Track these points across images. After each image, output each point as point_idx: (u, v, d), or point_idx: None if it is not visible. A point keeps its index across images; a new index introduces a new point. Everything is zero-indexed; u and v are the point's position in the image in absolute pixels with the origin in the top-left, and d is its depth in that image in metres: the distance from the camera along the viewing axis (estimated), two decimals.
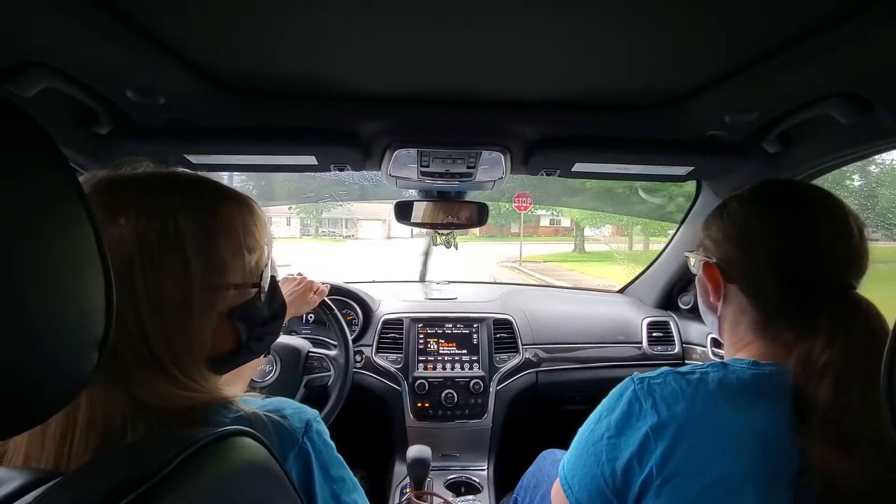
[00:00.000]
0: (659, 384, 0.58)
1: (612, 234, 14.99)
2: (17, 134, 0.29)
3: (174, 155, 1.05)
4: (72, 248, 0.30)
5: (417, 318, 1.59)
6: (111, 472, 0.32)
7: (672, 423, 0.54)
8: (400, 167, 1.12)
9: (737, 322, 0.66)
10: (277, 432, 0.47)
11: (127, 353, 0.44)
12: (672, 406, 0.55)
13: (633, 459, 0.55)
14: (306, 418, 0.51)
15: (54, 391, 0.31)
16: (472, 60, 0.75)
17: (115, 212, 0.46)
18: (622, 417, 0.58)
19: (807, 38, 0.65)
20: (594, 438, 0.61)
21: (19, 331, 0.27)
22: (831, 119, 0.83)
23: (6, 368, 0.26)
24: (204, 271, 0.48)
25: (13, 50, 0.65)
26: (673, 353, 1.61)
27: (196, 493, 0.32)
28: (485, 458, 1.52)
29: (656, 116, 0.95)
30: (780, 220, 0.62)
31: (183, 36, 0.68)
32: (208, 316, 0.50)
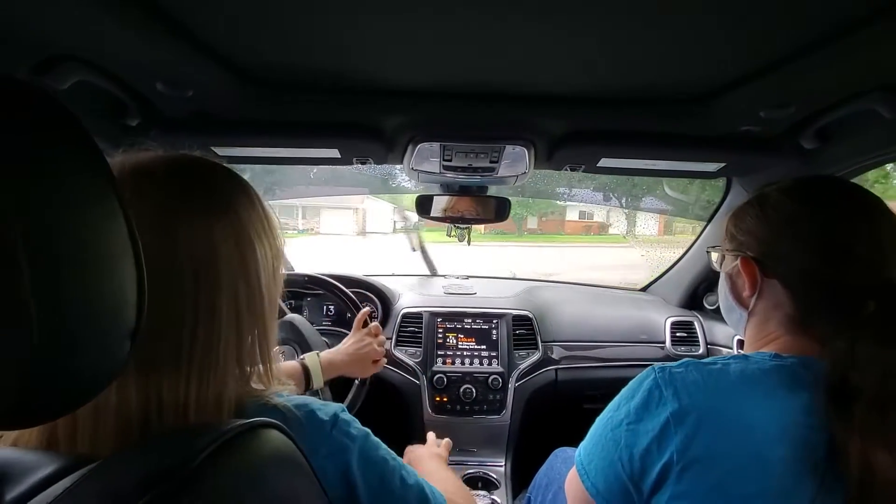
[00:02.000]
0: (680, 373, 0.58)
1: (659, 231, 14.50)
2: (55, 127, 0.29)
3: (199, 147, 1.07)
4: (105, 239, 0.31)
5: (437, 312, 1.59)
6: (143, 462, 0.33)
7: (693, 411, 0.54)
8: (422, 161, 1.12)
9: (767, 317, 0.65)
10: (308, 425, 0.48)
11: (165, 346, 0.44)
12: (693, 394, 0.56)
13: (652, 445, 0.56)
14: (333, 411, 0.52)
15: (87, 380, 0.31)
16: (497, 54, 0.74)
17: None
18: (642, 404, 0.59)
19: (851, 30, 0.61)
20: (612, 425, 0.61)
21: (55, 320, 0.27)
22: (875, 114, 0.79)
23: (42, 357, 0.27)
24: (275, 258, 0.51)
25: (50, 44, 0.66)
26: (697, 353, 1.58)
27: (226, 484, 0.32)
28: (502, 454, 1.51)
29: (687, 111, 0.92)
30: (832, 213, 0.61)
31: (213, 30, 0.69)
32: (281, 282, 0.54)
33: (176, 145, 1.04)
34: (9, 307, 0.25)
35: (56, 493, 0.31)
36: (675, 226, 11.37)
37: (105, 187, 0.31)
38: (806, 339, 0.61)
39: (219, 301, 0.46)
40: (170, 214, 0.44)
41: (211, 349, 0.45)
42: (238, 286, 0.47)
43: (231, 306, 0.47)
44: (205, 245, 0.45)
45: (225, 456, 0.33)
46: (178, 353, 0.44)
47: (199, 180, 0.48)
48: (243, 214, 0.49)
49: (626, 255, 8.97)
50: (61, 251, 0.27)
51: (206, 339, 0.45)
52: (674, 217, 3.00)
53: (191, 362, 0.44)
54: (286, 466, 0.38)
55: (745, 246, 0.67)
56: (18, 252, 0.25)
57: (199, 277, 0.44)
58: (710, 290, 1.66)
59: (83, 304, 0.29)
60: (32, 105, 0.28)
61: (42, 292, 0.26)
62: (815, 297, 0.61)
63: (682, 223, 9.22)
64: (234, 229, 0.47)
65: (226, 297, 0.46)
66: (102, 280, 0.30)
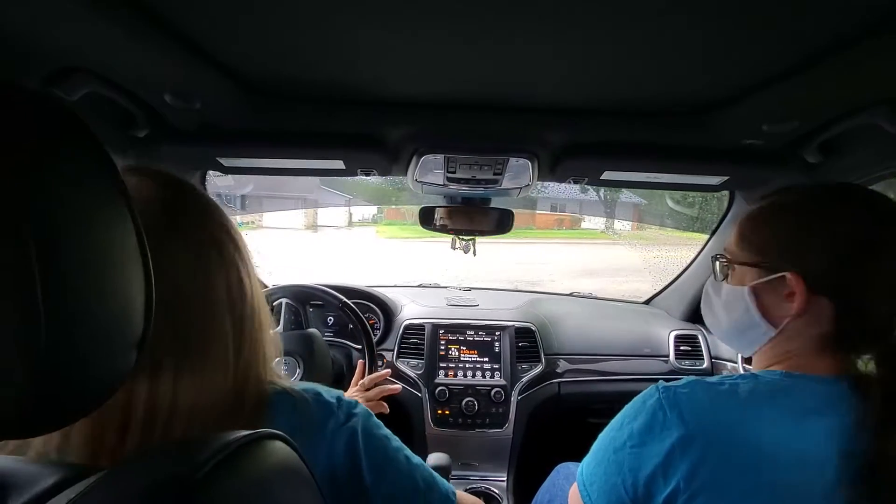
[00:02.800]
0: (686, 394, 0.56)
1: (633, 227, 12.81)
2: (66, 135, 0.29)
3: (206, 158, 1.08)
4: (115, 247, 0.31)
5: (439, 324, 1.58)
6: (146, 473, 0.32)
7: (700, 436, 0.52)
8: (426, 173, 1.13)
9: (795, 336, 0.60)
10: (314, 403, 0.52)
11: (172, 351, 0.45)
12: (700, 417, 0.53)
13: (657, 472, 0.54)
14: (337, 394, 0.56)
15: (94, 388, 0.31)
16: (501, 66, 0.75)
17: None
18: (645, 426, 0.56)
19: (853, 44, 0.62)
20: (615, 446, 0.59)
21: (63, 327, 0.27)
22: (878, 128, 0.80)
23: (49, 364, 0.27)
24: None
25: (60, 56, 0.67)
26: (701, 367, 1.56)
27: (230, 496, 0.32)
28: (504, 468, 1.50)
29: (690, 124, 0.93)
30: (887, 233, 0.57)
31: (221, 43, 0.70)
32: None
33: (183, 156, 1.05)
34: (19, 314, 0.25)
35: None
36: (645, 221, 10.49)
37: (115, 195, 0.31)
38: (830, 359, 0.58)
39: (215, 306, 0.48)
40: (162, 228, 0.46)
41: (211, 350, 0.48)
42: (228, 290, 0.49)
43: (225, 309, 0.49)
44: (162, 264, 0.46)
45: (229, 467, 0.32)
46: (185, 356, 0.46)
47: (165, 205, 0.48)
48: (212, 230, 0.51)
49: (615, 256, 8.60)
50: (71, 259, 0.27)
51: (206, 341, 0.47)
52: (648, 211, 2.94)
53: (196, 363, 0.46)
54: (290, 477, 0.37)
55: (792, 261, 0.59)
56: (31, 259, 0.25)
57: (197, 283, 0.47)
58: None
59: (92, 312, 0.29)
60: (44, 114, 0.29)
61: (52, 299, 0.26)
62: (862, 316, 0.57)
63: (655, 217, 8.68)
64: (195, 249, 0.48)
65: (219, 301, 0.48)
66: (111, 288, 0.30)
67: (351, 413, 0.54)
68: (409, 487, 0.57)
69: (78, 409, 0.31)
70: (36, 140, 0.27)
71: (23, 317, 0.25)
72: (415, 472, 0.58)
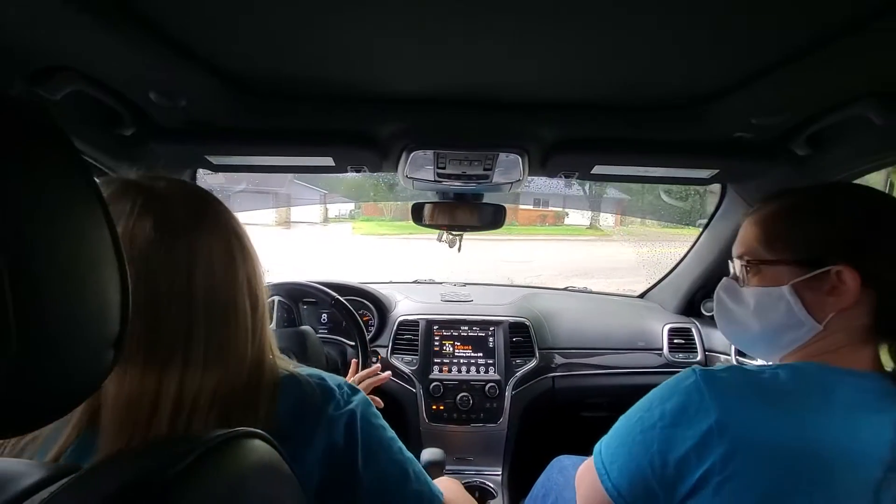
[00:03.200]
0: (724, 379, 0.55)
1: (617, 221, 11.71)
2: (37, 134, 0.29)
3: (195, 156, 1.07)
4: (88, 248, 0.31)
5: (433, 319, 1.58)
6: (123, 471, 0.33)
7: (738, 423, 0.51)
8: (416, 169, 1.12)
9: (839, 329, 0.60)
10: (318, 389, 0.55)
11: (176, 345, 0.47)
12: (739, 404, 0.52)
13: (690, 453, 0.53)
14: (339, 381, 0.59)
15: (70, 388, 0.31)
16: (490, 62, 0.75)
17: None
18: (679, 408, 0.55)
19: (841, 36, 0.62)
20: (643, 426, 0.58)
21: (37, 328, 0.27)
22: (866, 120, 0.80)
23: (25, 364, 0.27)
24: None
25: (43, 55, 0.67)
26: (695, 360, 1.57)
27: (207, 494, 0.32)
28: (499, 462, 1.50)
29: (679, 118, 0.93)
30: None
31: (205, 40, 0.69)
32: None
33: (172, 154, 1.05)
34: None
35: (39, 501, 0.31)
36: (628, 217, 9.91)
37: (88, 196, 0.31)
38: (868, 351, 0.58)
39: (239, 293, 0.52)
40: (176, 227, 0.48)
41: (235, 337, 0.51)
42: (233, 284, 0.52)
43: (232, 303, 0.51)
44: (204, 254, 0.49)
45: (204, 466, 0.32)
46: (212, 344, 0.49)
47: (201, 201, 0.53)
48: (233, 226, 0.54)
49: (606, 254, 8.48)
50: (42, 260, 0.27)
51: (231, 328, 0.51)
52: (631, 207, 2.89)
53: (223, 350, 0.50)
54: (269, 475, 0.37)
55: (847, 255, 0.58)
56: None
57: (198, 281, 0.48)
58: (707, 296, 1.66)
59: (64, 313, 0.29)
60: (13, 114, 0.29)
61: (20, 300, 0.26)
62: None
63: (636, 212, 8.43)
64: (226, 239, 0.52)
65: (241, 289, 0.52)
66: (85, 288, 0.30)
67: (351, 399, 0.57)
68: (398, 474, 0.59)
69: (53, 410, 0.31)
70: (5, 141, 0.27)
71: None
72: (406, 463, 0.60)
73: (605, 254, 8.08)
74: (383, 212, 12.26)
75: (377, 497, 0.56)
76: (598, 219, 11.52)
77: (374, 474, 0.55)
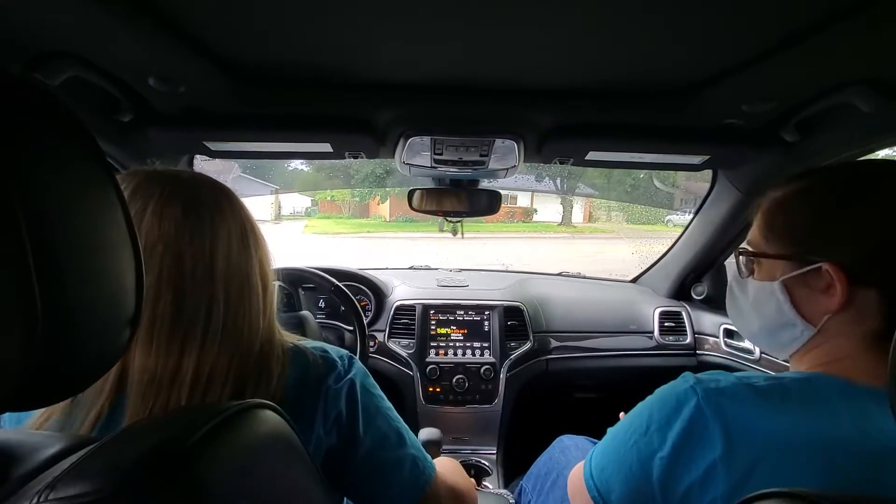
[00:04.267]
0: (729, 400, 0.49)
1: (585, 218, 11.46)
2: (52, 120, 0.30)
3: (193, 142, 1.07)
4: (104, 229, 0.32)
5: (430, 304, 1.61)
6: (143, 439, 0.35)
7: (748, 451, 0.47)
8: (413, 155, 1.13)
9: (839, 334, 0.54)
10: (322, 360, 0.58)
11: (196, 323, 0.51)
12: (749, 430, 0.47)
13: (694, 487, 0.49)
14: (341, 352, 0.62)
15: (89, 365, 0.33)
16: (486, 48, 0.75)
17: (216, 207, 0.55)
18: (682, 438, 0.50)
19: (829, 24, 0.63)
20: (642, 453, 0.53)
21: (61, 306, 0.29)
22: (853, 107, 0.82)
23: (50, 340, 0.28)
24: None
25: (42, 40, 0.67)
26: (685, 342, 1.61)
27: (221, 460, 0.34)
28: (494, 442, 1.55)
29: (671, 104, 0.94)
30: None
31: (204, 25, 0.70)
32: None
33: (170, 140, 1.05)
34: (15, 295, 0.27)
35: (62, 470, 0.32)
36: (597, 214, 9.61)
37: (102, 178, 0.32)
38: (883, 360, 0.50)
39: (252, 275, 0.56)
40: (201, 210, 0.52)
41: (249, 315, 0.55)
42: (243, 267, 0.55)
43: (247, 283, 0.55)
44: (224, 237, 0.53)
45: (220, 435, 0.34)
46: (229, 322, 0.52)
47: (221, 189, 0.57)
48: (247, 213, 0.59)
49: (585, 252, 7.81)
50: (63, 240, 0.29)
51: (246, 308, 0.54)
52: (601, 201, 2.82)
53: (238, 327, 0.53)
54: (280, 445, 0.39)
55: (827, 251, 0.53)
56: (24, 242, 0.26)
57: (219, 263, 0.52)
58: (697, 280, 1.69)
59: (84, 292, 0.30)
60: (29, 99, 0.30)
61: (45, 279, 0.27)
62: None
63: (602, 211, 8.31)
64: (242, 224, 0.56)
65: (253, 270, 0.56)
66: (102, 268, 0.32)
67: (351, 368, 0.61)
68: (394, 438, 0.62)
69: (75, 383, 0.33)
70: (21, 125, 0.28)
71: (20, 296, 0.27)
72: (402, 429, 0.64)
73: (582, 252, 7.70)
74: (341, 209, 11.94)
75: (375, 458, 0.59)
76: (570, 216, 11.06)
77: (373, 438, 0.59)
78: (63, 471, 0.31)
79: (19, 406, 0.33)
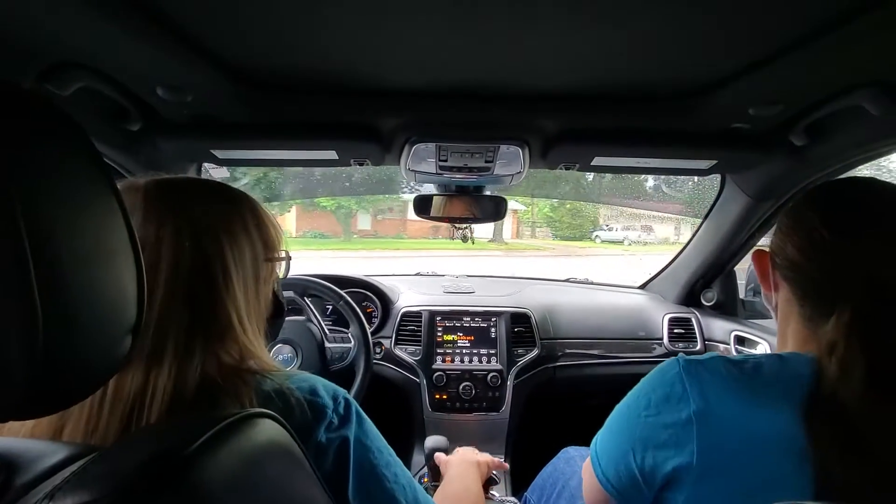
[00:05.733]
0: (707, 369, 0.54)
1: (513, 234, 10.67)
2: (54, 130, 0.31)
3: (200, 150, 1.09)
4: (105, 238, 0.32)
5: (436, 311, 1.60)
6: (144, 448, 0.34)
7: (719, 414, 0.51)
8: (419, 161, 1.14)
9: (787, 314, 0.62)
10: (309, 407, 0.50)
11: (198, 330, 0.50)
12: (722, 395, 0.52)
13: (669, 441, 0.53)
14: (334, 392, 0.55)
15: (90, 373, 0.33)
16: (490, 55, 0.76)
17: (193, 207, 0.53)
18: (662, 397, 0.55)
19: (838, 27, 0.63)
20: (629, 415, 0.59)
21: (62, 313, 0.29)
22: (862, 110, 0.81)
23: (51, 348, 0.28)
24: (265, 249, 0.59)
25: (54, 51, 0.68)
26: (695, 350, 1.59)
27: (222, 469, 0.34)
28: (502, 450, 1.53)
29: (678, 108, 0.93)
30: (825, 207, 0.58)
31: (213, 35, 0.70)
32: (269, 285, 0.61)
33: (178, 148, 1.06)
34: (16, 303, 0.27)
35: (62, 479, 0.32)
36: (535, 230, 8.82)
37: (104, 187, 0.33)
38: (816, 340, 0.56)
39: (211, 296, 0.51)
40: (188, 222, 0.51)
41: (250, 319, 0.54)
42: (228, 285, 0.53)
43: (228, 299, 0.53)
44: (202, 246, 0.51)
45: (221, 442, 0.34)
46: (166, 344, 0.48)
47: (216, 193, 0.56)
48: (212, 215, 0.54)
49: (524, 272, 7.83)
50: (64, 249, 0.29)
51: (167, 328, 0.49)
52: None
53: (182, 351, 0.48)
54: (280, 454, 0.39)
55: (770, 242, 0.65)
56: (25, 251, 0.26)
57: (196, 275, 0.50)
58: (707, 286, 1.67)
59: (86, 300, 0.30)
60: (32, 110, 0.30)
61: (46, 289, 0.27)
62: (806, 292, 0.58)
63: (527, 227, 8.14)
64: (192, 225, 0.52)
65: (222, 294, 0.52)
66: (104, 277, 0.32)
67: (346, 417, 0.53)
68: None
69: (77, 392, 0.33)
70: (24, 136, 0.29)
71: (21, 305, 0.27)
72: (398, 492, 0.56)
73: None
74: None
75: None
76: (501, 232, 10.09)
77: (362, 502, 0.53)
78: (63, 479, 0.31)
79: (22, 415, 0.33)
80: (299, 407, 0.50)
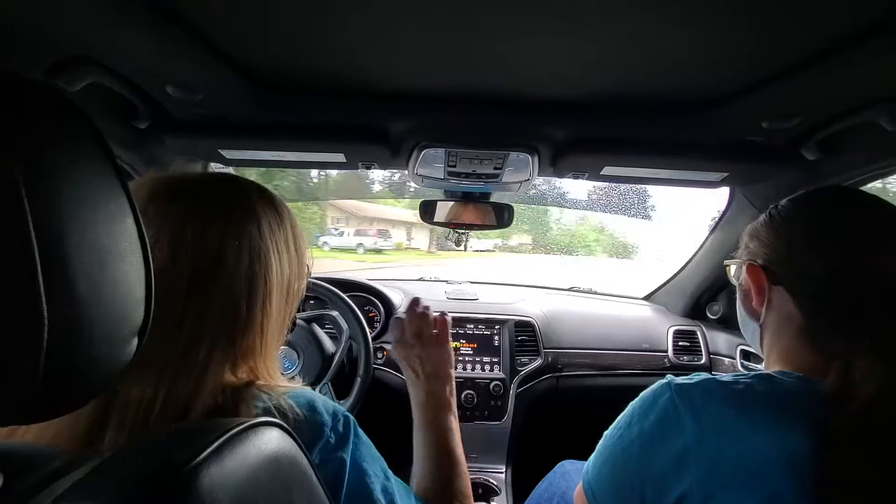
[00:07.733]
0: (699, 392, 0.53)
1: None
2: (67, 126, 0.30)
3: (208, 150, 1.08)
4: (115, 238, 0.31)
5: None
6: (148, 457, 0.33)
7: (716, 437, 0.50)
8: (427, 166, 1.13)
9: (780, 331, 0.61)
10: (305, 426, 0.48)
11: (162, 343, 0.45)
12: (717, 418, 0.51)
13: (668, 472, 0.52)
14: (333, 410, 0.52)
15: (96, 376, 0.32)
16: (504, 60, 0.75)
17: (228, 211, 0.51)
18: (656, 425, 0.54)
19: (854, 43, 0.62)
20: (623, 444, 0.58)
21: (65, 316, 0.28)
22: (877, 126, 0.80)
23: (56, 349, 0.27)
24: (298, 265, 0.57)
25: (63, 46, 0.67)
26: (700, 363, 1.57)
27: (228, 479, 0.32)
28: (503, 460, 1.51)
29: (690, 120, 0.93)
30: (843, 219, 0.57)
31: (223, 34, 0.70)
32: (296, 302, 0.58)
33: (186, 147, 1.06)
34: (22, 304, 0.26)
35: (64, 487, 0.31)
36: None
37: (115, 186, 0.32)
38: (815, 357, 0.55)
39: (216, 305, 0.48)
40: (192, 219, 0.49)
41: (199, 349, 0.48)
42: (243, 294, 0.50)
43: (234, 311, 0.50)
44: (214, 252, 0.49)
45: (226, 453, 0.33)
46: (172, 351, 0.46)
47: (227, 193, 0.53)
48: (265, 229, 0.53)
49: None
50: (72, 248, 0.28)
51: (194, 339, 0.47)
52: None
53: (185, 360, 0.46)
54: (287, 464, 0.38)
55: (754, 254, 0.64)
56: (33, 250, 0.26)
57: (198, 281, 0.48)
58: (712, 299, 1.66)
59: (92, 301, 0.29)
60: (44, 105, 0.29)
61: (53, 289, 0.27)
62: (821, 307, 0.56)
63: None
64: (251, 240, 0.51)
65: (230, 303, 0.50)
66: (112, 278, 0.31)
67: (343, 437, 0.51)
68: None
69: (82, 395, 0.32)
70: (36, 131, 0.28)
71: (27, 306, 0.26)
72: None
73: None
74: None
75: None
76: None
77: None
78: (65, 490, 0.29)
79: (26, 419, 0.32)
80: (297, 424, 0.47)
